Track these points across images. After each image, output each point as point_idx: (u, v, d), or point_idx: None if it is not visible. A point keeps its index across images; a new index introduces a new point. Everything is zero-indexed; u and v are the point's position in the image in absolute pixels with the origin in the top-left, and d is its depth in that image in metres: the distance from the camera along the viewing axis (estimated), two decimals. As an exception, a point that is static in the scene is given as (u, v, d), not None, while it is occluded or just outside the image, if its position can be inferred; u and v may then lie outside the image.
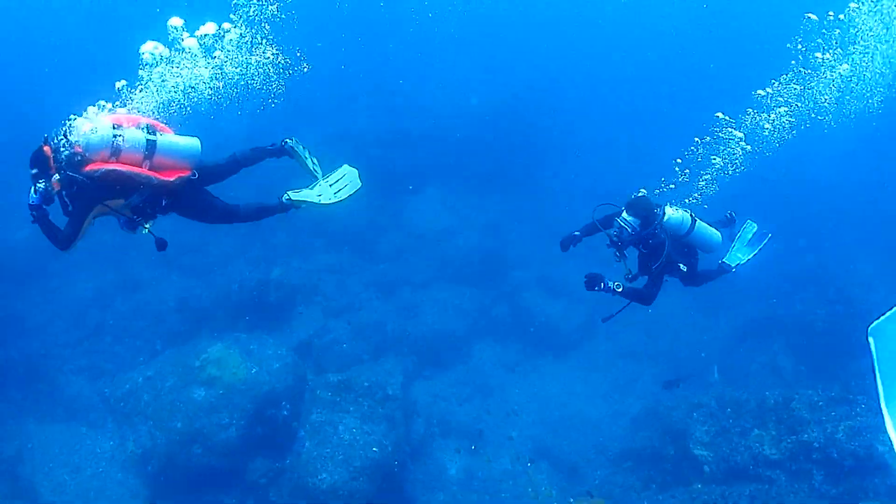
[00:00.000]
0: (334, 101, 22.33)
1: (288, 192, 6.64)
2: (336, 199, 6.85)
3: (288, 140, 6.85)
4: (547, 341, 16.28)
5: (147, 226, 5.99)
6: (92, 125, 5.62)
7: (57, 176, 5.51)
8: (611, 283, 7.12)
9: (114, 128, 5.62)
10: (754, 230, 8.93)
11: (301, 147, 6.96)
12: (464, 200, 18.97)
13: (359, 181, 7.08)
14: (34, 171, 5.54)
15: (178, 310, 14.46)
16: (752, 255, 8.78)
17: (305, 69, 7.61)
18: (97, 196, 5.63)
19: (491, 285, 16.51)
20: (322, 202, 6.75)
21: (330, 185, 6.95)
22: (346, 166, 7.19)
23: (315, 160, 7.15)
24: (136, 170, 5.67)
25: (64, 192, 5.57)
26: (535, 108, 22.68)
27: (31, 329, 15.66)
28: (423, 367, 14.48)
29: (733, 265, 8.60)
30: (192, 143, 6.11)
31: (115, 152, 5.58)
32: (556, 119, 22.67)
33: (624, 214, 7.12)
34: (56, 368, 14.57)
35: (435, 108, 21.70)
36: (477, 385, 14.91)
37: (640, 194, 7.41)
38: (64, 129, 5.60)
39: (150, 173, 5.73)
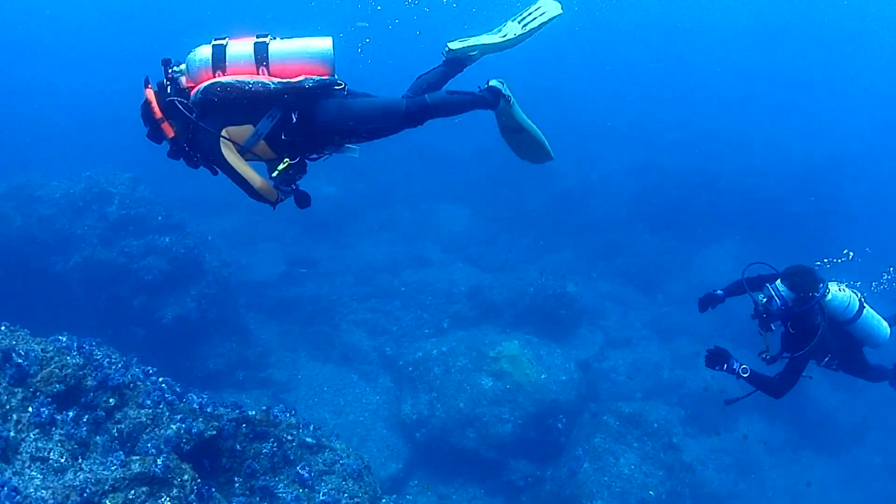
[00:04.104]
0: (645, 129, 22.11)
1: (448, 44, 4.95)
2: (524, 31, 5.06)
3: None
4: (815, 433, 15.20)
5: (280, 167, 4.47)
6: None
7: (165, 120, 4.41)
8: (736, 365, 6.07)
9: (214, 40, 4.47)
10: None
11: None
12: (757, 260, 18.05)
13: (558, 6, 5.11)
14: (147, 127, 4.51)
15: (469, 296, 14.90)
16: None
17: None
18: (214, 124, 4.39)
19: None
20: (504, 40, 5.02)
21: (519, 22, 5.14)
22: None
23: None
24: (244, 76, 4.35)
25: (181, 140, 4.46)
26: (853, 173, 21.25)
27: (322, 274, 16.90)
28: (689, 422, 13.90)
29: None
30: (319, 42, 4.50)
31: (219, 66, 4.37)
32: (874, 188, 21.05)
33: (778, 283, 6.00)
34: (340, 315, 15.55)
35: (746, 156, 20.84)
36: (736, 458, 14.12)
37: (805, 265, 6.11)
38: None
39: (265, 77, 4.36)
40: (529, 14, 5.14)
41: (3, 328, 6.57)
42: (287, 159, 4.50)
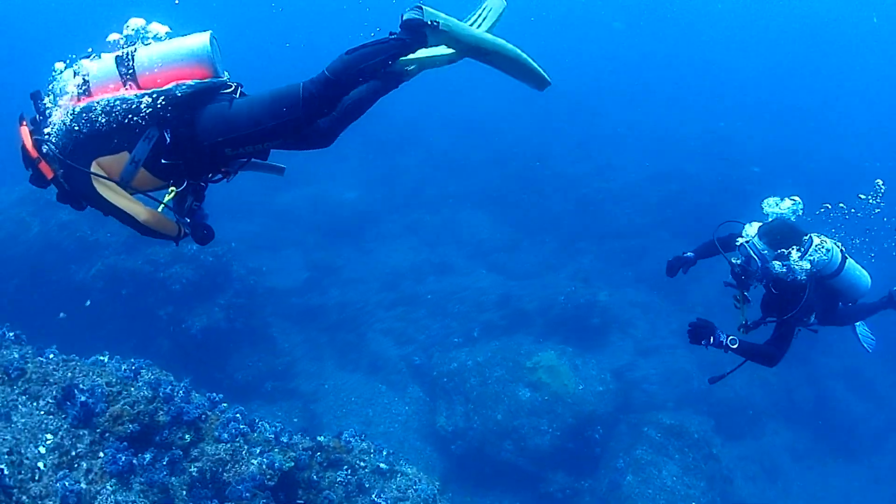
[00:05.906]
0: (666, 136, 22.06)
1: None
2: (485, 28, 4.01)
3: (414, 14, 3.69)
4: (840, 440, 15.29)
5: (164, 200, 3.86)
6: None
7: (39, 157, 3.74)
8: (723, 336, 5.40)
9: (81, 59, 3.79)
10: None
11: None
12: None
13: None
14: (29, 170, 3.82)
15: (500, 305, 14.77)
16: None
17: None
18: (84, 159, 3.69)
19: (801, 365, 15.63)
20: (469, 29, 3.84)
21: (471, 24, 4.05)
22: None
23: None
24: (106, 95, 3.65)
25: (60, 180, 3.79)
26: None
27: (346, 282, 16.75)
28: (718, 431, 13.89)
29: None
30: (192, 41, 3.74)
31: (84, 91, 3.69)
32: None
33: (755, 240, 5.43)
34: (366, 324, 15.43)
35: (766, 159, 20.84)
36: (763, 466, 14.18)
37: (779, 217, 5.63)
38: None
39: (130, 91, 3.65)
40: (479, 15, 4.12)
41: (52, 356, 6.13)
42: (173, 188, 3.82)
